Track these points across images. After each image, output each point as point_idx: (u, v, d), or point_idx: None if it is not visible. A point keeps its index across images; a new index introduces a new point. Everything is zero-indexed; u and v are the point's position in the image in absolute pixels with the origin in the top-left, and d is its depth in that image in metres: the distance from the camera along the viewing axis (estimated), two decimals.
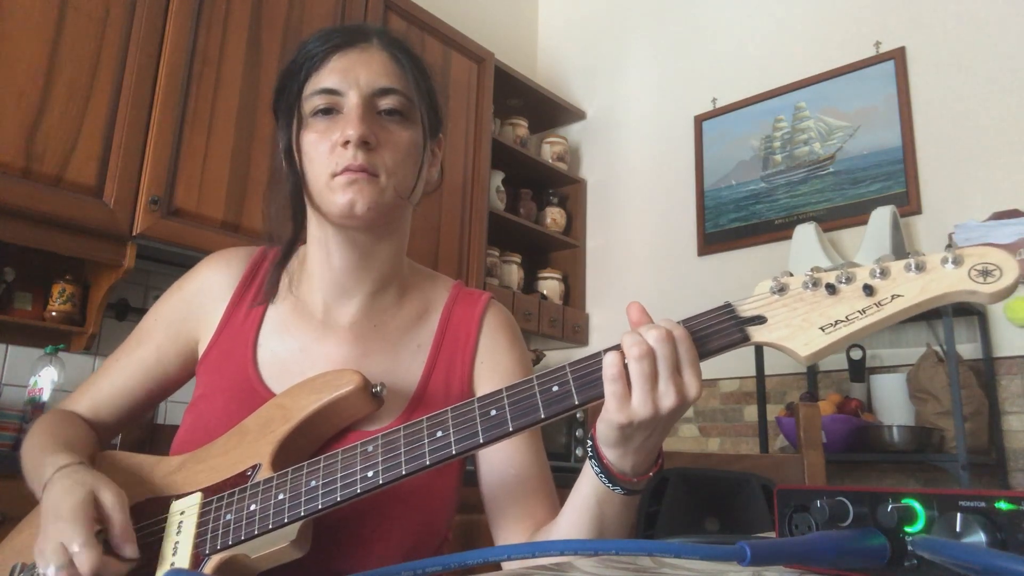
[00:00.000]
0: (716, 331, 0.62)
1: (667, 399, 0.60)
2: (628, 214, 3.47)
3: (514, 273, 3.26)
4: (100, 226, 1.92)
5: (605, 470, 0.66)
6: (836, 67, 2.94)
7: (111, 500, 0.67)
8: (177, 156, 2.07)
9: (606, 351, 0.62)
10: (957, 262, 0.56)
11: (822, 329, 0.58)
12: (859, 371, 2.63)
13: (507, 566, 0.56)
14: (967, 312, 2.44)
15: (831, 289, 0.59)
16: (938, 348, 2.44)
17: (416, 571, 0.43)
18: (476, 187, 2.98)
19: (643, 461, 0.66)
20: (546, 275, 3.42)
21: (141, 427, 1.06)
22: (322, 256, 0.86)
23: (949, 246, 0.57)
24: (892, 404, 2.47)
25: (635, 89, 3.59)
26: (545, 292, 3.36)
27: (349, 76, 0.81)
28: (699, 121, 3.31)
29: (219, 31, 2.22)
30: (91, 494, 0.67)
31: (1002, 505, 0.41)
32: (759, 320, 0.61)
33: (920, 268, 0.57)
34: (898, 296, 0.57)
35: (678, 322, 0.63)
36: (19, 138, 1.80)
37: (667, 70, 3.49)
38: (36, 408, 1.96)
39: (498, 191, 3.21)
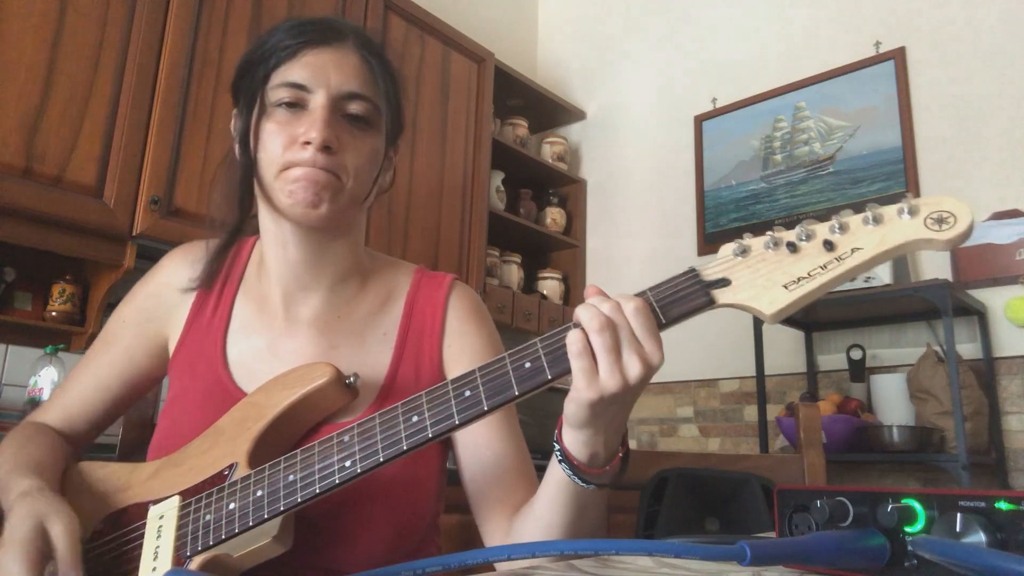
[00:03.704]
0: (682, 296, 0.62)
1: (632, 369, 0.60)
2: (628, 214, 3.47)
3: (514, 273, 3.25)
4: (100, 226, 1.92)
5: (575, 469, 0.66)
6: (836, 67, 2.94)
7: (59, 530, 0.65)
8: (177, 156, 2.07)
9: (571, 326, 0.62)
10: (913, 212, 0.56)
11: (785, 287, 0.59)
12: (859, 371, 2.63)
13: (507, 566, 0.56)
14: (967, 312, 2.44)
15: (792, 247, 0.59)
16: (938, 348, 2.44)
17: (416, 571, 0.43)
18: (476, 187, 2.98)
19: (612, 439, 0.66)
20: (546, 275, 3.42)
21: (140, 427, 1.06)
22: (278, 250, 0.85)
23: (905, 195, 0.57)
24: (892, 404, 2.46)
25: (635, 89, 3.59)
26: (545, 292, 3.36)
27: (320, 74, 0.80)
28: (699, 121, 3.31)
29: (219, 31, 2.22)
30: (40, 526, 0.65)
31: (1002, 505, 0.41)
32: (723, 283, 0.61)
33: (878, 220, 0.58)
34: (857, 249, 0.57)
35: (645, 290, 0.63)
36: (19, 138, 1.80)
37: (667, 70, 3.49)
38: (36, 408, 1.95)
39: (498, 191, 3.21)
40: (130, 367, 0.89)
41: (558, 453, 0.67)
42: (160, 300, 0.90)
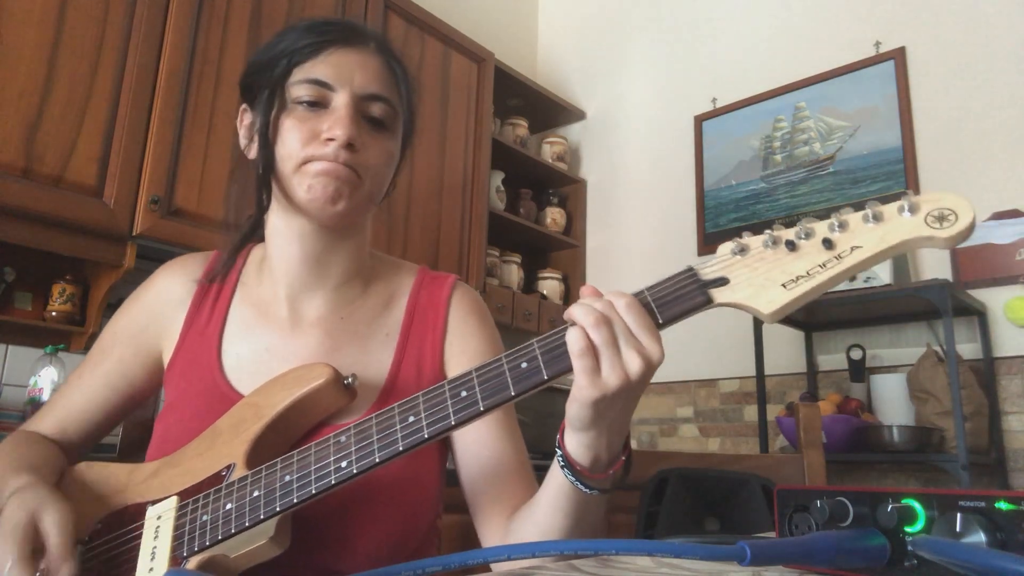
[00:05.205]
0: (680, 295, 0.61)
1: (633, 364, 0.59)
2: (628, 214, 3.47)
3: (514, 273, 3.26)
4: (100, 226, 1.92)
5: (578, 474, 0.66)
6: (836, 67, 2.94)
7: (50, 522, 0.65)
8: (177, 156, 2.07)
9: (569, 326, 0.62)
10: (913, 209, 0.56)
11: (784, 286, 0.58)
12: (859, 371, 2.63)
13: (506, 566, 0.56)
14: (967, 312, 2.44)
15: (791, 246, 0.59)
16: (938, 348, 2.44)
17: (416, 571, 0.43)
18: (476, 187, 2.98)
19: (615, 441, 0.65)
20: (546, 275, 3.42)
21: (141, 427, 1.06)
22: (286, 249, 0.85)
23: (906, 192, 0.57)
24: (892, 404, 2.46)
25: (635, 89, 3.59)
26: (545, 292, 3.36)
27: (344, 74, 0.80)
28: (699, 121, 3.31)
29: (219, 31, 2.22)
30: (31, 516, 0.65)
31: (1002, 505, 0.41)
32: (722, 282, 0.60)
33: (878, 218, 0.57)
34: (857, 247, 0.57)
35: (642, 289, 0.63)
36: (19, 138, 1.80)
37: (667, 70, 3.49)
38: (36, 408, 1.95)
39: (498, 191, 3.21)
40: (123, 379, 0.88)
41: (560, 458, 0.66)
42: (154, 312, 0.90)
